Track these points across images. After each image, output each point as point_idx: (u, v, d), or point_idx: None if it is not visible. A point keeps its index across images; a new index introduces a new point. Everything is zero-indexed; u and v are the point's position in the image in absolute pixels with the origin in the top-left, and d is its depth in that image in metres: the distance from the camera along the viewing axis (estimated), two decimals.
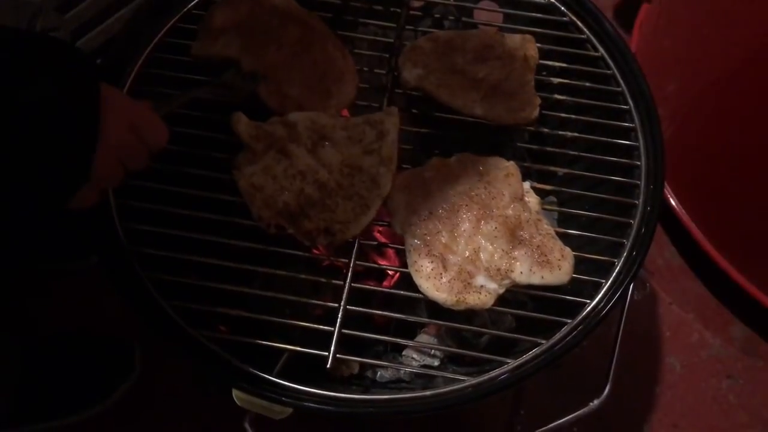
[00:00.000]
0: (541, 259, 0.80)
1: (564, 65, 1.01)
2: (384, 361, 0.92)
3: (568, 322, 0.81)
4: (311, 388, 0.76)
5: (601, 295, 0.83)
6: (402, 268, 0.84)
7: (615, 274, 0.84)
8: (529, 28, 1.02)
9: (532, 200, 0.86)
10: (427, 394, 0.77)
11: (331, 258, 0.89)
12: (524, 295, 0.90)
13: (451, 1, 1.08)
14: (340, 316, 0.79)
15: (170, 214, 0.84)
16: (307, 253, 0.87)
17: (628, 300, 0.86)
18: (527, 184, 0.88)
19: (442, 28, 1.10)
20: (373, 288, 0.89)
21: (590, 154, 0.94)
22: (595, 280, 0.84)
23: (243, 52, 0.91)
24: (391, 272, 1.04)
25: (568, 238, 0.86)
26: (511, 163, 0.88)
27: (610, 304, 0.82)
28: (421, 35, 1.00)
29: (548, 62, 1.01)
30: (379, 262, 1.04)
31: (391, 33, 1.02)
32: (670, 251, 1.45)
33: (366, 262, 0.95)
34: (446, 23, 1.10)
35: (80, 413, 1.15)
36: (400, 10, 1.02)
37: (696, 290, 1.41)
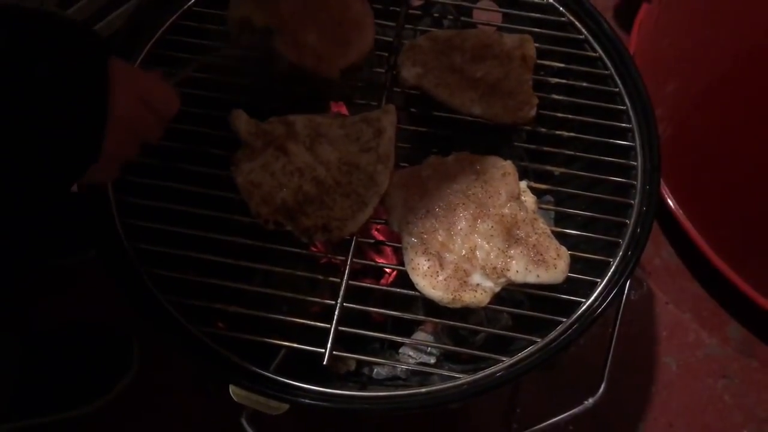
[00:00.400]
0: (536, 258, 0.81)
1: (562, 65, 1.02)
2: (380, 358, 0.92)
3: (564, 320, 0.82)
4: (308, 385, 0.77)
5: (597, 294, 0.83)
6: (399, 266, 0.85)
7: (610, 274, 0.85)
8: (528, 28, 1.03)
9: (529, 199, 0.87)
10: (423, 391, 0.77)
11: (329, 255, 0.90)
12: (520, 293, 0.91)
13: (451, 0, 1.08)
14: (337, 313, 0.79)
15: (169, 211, 0.84)
16: (305, 251, 0.88)
17: (623, 299, 0.86)
18: (524, 184, 0.89)
19: (442, 27, 1.10)
20: (370, 285, 0.89)
21: (587, 154, 0.95)
22: (590, 279, 0.85)
23: (254, 9, 0.89)
24: (388, 270, 1.04)
25: (565, 237, 0.87)
26: (508, 163, 0.88)
27: (605, 303, 0.82)
28: (421, 34, 1.00)
29: (546, 62, 1.01)
30: (377, 259, 1.05)
31: (391, 32, 1.02)
32: (667, 251, 1.45)
33: (363, 259, 0.95)
34: (445, 22, 1.11)
35: (79, 408, 1.16)
36: (400, 9, 1.03)
37: (693, 290, 1.41)
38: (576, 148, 0.95)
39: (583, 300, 0.83)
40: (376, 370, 0.95)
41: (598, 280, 0.84)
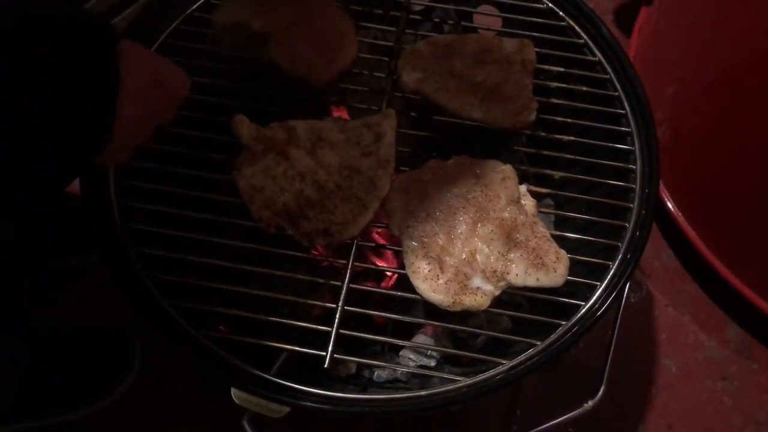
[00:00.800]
0: (536, 262, 0.81)
1: (562, 69, 1.02)
2: (381, 361, 0.93)
3: (563, 323, 0.82)
4: (309, 388, 0.77)
5: (596, 297, 0.84)
6: (400, 270, 0.85)
7: (609, 277, 0.85)
8: (528, 33, 1.03)
9: (528, 203, 0.87)
10: (423, 393, 0.78)
11: (330, 259, 0.90)
12: (520, 296, 0.91)
13: (451, 5, 1.09)
14: (338, 316, 0.80)
15: (170, 215, 0.85)
16: (306, 254, 0.88)
17: (623, 302, 0.87)
18: (524, 187, 0.89)
19: (442, 32, 1.11)
20: (371, 289, 0.90)
21: (586, 158, 0.95)
22: (589, 282, 0.85)
23: (251, 16, 0.92)
24: (389, 273, 1.05)
25: (564, 241, 0.87)
26: (508, 167, 0.89)
27: (605, 306, 0.82)
28: (421, 39, 1.01)
29: (546, 66, 1.01)
30: (378, 263, 1.05)
31: (391, 37, 1.03)
32: (666, 254, 1.46)
33: (364, 263, 0.96)
34: (446, 27, 1.11)
35: (81, 410, 1.16)
36: (400, 14, 1.03)
37: (692, 292, 1.42)
38: (575, 152, 0.96)
39: (583, 303, 0.83)
40: (376, 373, 0.95)
41: (597, 284, 0.85)
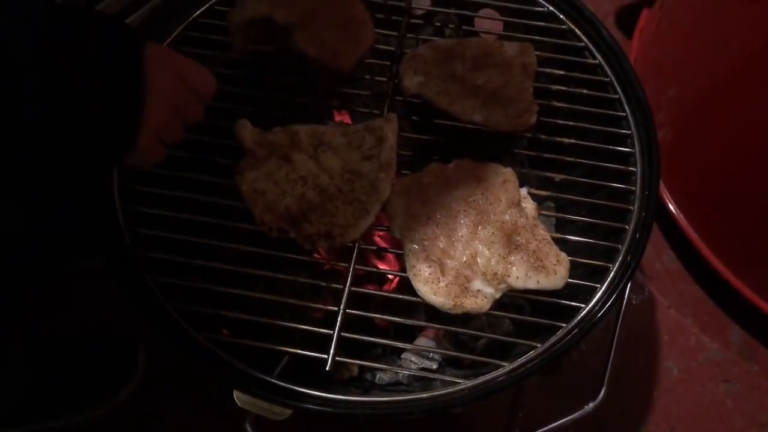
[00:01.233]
0: (537, 264, 0.82)
1: (562, 73, 1.02)
2: (383, 364, 0.93)
3: (564, 326, 0.82)
4: (311, 390, 0.78)
5: (596, 300, 0.84)
6: (401, 273, 0.86)
7: (610, 279, 0.86)
8: (529, 36, 1.04)
9: (529, 206, 0.87)
10: (425, 396, 0.78)
11: (332, 262, 0.90)
12: (522, 298, 0.91)
13: (452, 9, 1.09)
14: (340, 319, 0.80)
15: (174, 219, 0.85)
16: (308, 257, 0.89)
17: (624, 304, 0.87)
18: (524, 190, 0.89)
19: (443, 36, 1.11)
20: (373, 292, 0.90)
21: (587, 161, 0.96)
22: (590, 284, 0.85)
23: (274, 8, 0.93)
24: (390, 276, 1.05)
25: (565, 243, 0.88)
26: (509, 170, 0.89)
27: (605, 308, 0.83)
28: (422, 43, 1.01)
29: (547, 70, 1.02)
30: (379, 266, 1.05)
31: (393, 41, 1.03)
32: (668, 255, 1.46)
33: (366, 266, 0.96)
34: (447, 31, 1.12)
35: (84, 413, 1.17)
36: (402, 19, 1.04)
37: (694, 294, 1.41)
38: (576, 155, 0.96)
39: (583, 305, 0.84)
40: (378, 376, 0.96)
41: (598, 286, 0.85)
